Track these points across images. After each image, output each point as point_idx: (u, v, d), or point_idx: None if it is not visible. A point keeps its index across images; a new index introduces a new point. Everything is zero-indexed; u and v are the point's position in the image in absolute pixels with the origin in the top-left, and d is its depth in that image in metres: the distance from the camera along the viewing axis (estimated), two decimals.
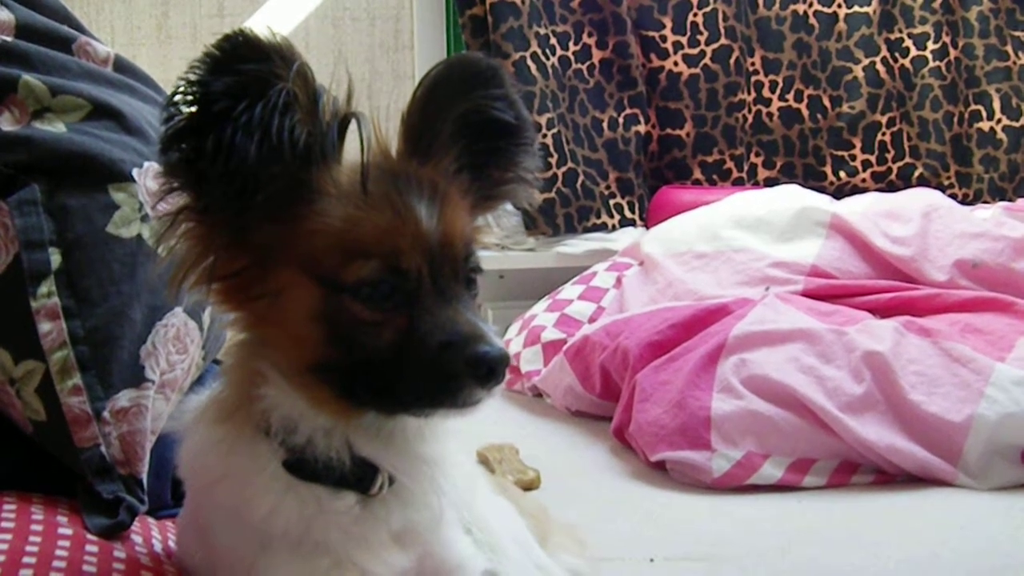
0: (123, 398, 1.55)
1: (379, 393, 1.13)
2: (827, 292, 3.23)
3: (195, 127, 1.07)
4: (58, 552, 1.32)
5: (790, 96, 4.56)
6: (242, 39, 1.08)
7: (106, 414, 1.52)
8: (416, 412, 1.15)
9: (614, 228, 4.31)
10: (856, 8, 4.53)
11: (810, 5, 4.54)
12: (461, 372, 1.10)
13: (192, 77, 1.07)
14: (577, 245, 4.21)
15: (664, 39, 4.44)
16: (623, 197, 4.37)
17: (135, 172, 1.64)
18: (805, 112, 4.56)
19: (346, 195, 1.12)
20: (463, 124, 1.24)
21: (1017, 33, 4.56)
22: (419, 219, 1.13)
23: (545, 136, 4.11)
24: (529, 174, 1.31)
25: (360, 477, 1.19)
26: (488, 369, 1.10)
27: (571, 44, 4.35)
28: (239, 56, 1.08)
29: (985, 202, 4.34)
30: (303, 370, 1.14)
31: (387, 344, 1.11)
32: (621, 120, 4.38)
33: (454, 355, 1.09)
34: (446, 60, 1.26)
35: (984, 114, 4.51)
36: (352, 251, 1.10)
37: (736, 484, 2.45)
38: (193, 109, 1.07)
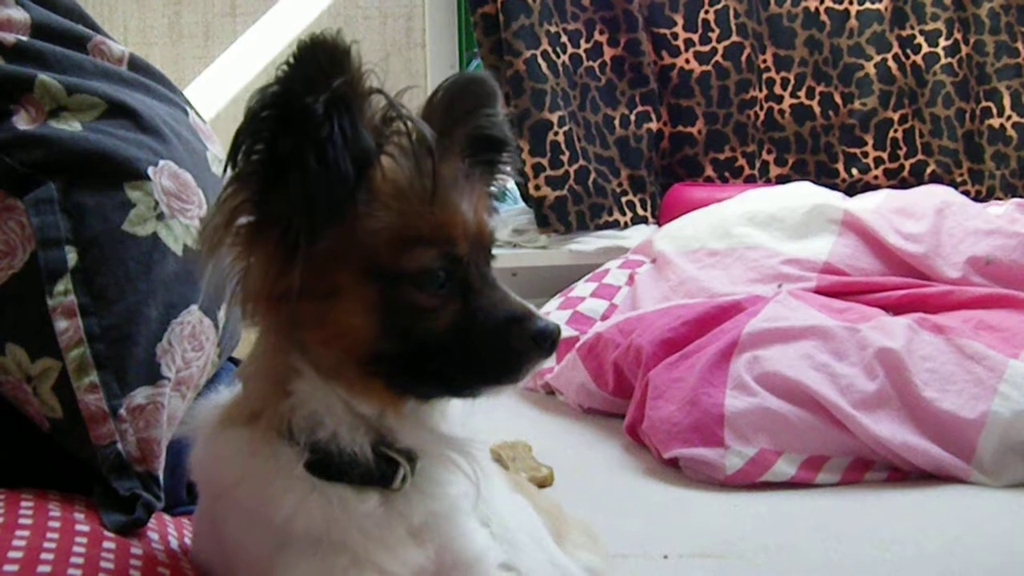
0: (139, 395, 1.55)
1: (433, 377, 1.19)
2: (840, 289, 3.23)
3: (294, 148, 1.09)
4: (75, 548, 1.33)
5: (802, 93, 4.55)
6: (325, 49, 1.10)
7: (122, 411, 1.53)
8: (471, 391, 1.22)
9: (626, 225, 4.31)
10: (868, 5, 4.51)
11: (822, 2, 4.52)
12: (528, 346, 1.18)
13: (279, 91, 1.10)
14: (589, 243, 4.20)
15: (675, 36, 4.43)
16: (635, 194, 4.37)
17: (150, 170, 1.65)
18: (817, 109, 4.55)
19: (400, 191, 1.16)
20: (471, 135, 1.30)
21: None
22: (464, 210, 1.19)
23: (556, 134, 4.12)
24: (504, 185, 1.38)
25: (382, 472, 1.21)
26: (551, 341, 1.18)
27: (582, 42, 4.35)
28: (325, 69, 1.09)
29: (998, 199, 4.32)
30: (353, 364, 1.18)
31: (445, 328, 1.17)
32: (633, 117, 4.38)
33: (520, 330, 1.18)
34: (463, 76, 1.32)
35: (995, 111, 4.49)
36: (411, 242, 1.15)
37: (749, 481, 2.45)
38: (282, 126, 1.10)
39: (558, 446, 2.78)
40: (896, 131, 4.54)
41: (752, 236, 3.47)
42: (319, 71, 1.09)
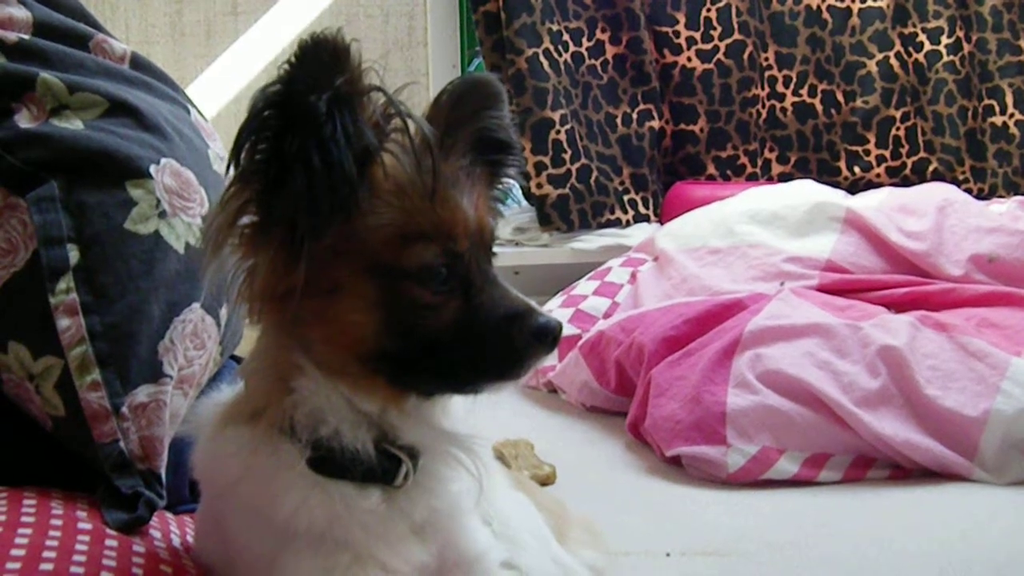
0: (141, 393, 1.55)
1: (434, 374, 1.19)
2: (842, 287, 3.23)
3: (299, 146, 1.10)
4: (78, 546, 1.33)
5: (804, 91, 4.55)
6: (326, 47, 1.10)
7: (124, 409, 1.53)
8: (473, 388, 1.22)
9: (628, 224, 4.31)
10: (870, 3, 4.51)
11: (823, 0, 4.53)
12: (528, 342, 1.18)
13: (281, 90, 1.10)
14: (591, 241, 4.20)
15: (677, 34, 4.43)
16: (637, 193, 4.37)
17: (152, 168, 1.65)
18: (819, 107, 4.55)
19: (401, 188, 1.16)
20: (475, 136, 1.30)
21: None
22: (464, 207, 1.20)
23: (559, 132, 4.12)
24: (508, 187, 1.39)
25: (385, 469, 1.21)
26: (552, 337, 1.19)
27: (584, 40, 4.35)
28: (327, 67, 1.10)
29: (1000, 196, 4.32)
30: (355, 361, 1.18)
31: (446, 324, 1.17)
32: (635, 116, 4.38)
33: (520, 327, 1.18)
34: (469, 77, 1.33)
35: (997, 108, 4.49)
36: (412, 239, 1.15)
37: (751, 479, 2.45)
38: (283, 124, 1.10)
39: (560, 444, 2.77)
40: (898, 129, 4.54)
41: (754, 234, 3.47)
42: (321, 70, 1.09)
